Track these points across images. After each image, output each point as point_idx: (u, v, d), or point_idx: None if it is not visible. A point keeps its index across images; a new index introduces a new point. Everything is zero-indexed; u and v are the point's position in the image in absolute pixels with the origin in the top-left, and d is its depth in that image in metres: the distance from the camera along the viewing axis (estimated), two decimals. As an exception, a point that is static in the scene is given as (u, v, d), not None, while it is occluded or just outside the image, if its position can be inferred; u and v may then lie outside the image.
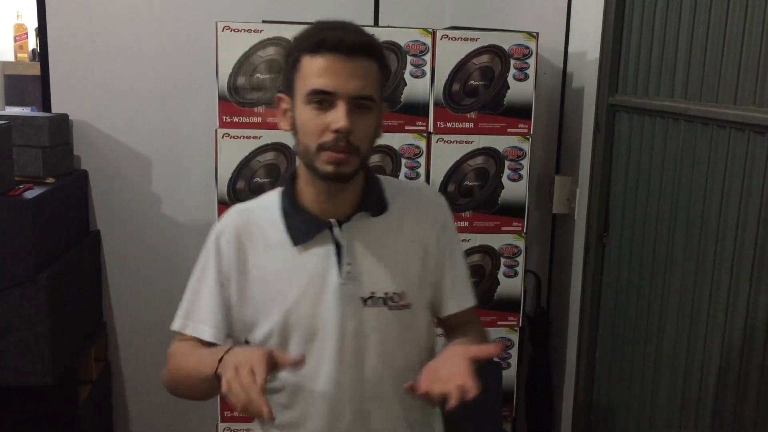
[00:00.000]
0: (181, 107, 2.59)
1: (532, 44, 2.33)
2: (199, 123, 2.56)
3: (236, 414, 2.38)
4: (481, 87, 2.33)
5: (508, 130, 2.36)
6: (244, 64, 2.24)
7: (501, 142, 2.36)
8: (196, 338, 1.32)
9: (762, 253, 1.62)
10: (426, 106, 2.31)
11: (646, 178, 2.12)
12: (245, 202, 1.39)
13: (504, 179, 2.37)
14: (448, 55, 2.30)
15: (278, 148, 2.27)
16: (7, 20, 3.22)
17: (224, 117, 2.26)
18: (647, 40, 2.13)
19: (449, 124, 2.34)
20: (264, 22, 2.30)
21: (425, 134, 2.33)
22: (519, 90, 2.34)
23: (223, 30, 2.22)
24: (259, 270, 1.29)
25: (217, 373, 1.14)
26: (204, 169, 2.53)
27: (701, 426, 1.85)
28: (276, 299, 1.27)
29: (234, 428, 2.39)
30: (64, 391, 2.29)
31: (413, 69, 2.29)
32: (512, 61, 2.33)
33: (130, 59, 2.56)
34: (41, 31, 2.54)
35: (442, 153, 2.34)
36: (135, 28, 2.54)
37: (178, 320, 1.36)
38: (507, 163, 2.37)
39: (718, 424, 1.79)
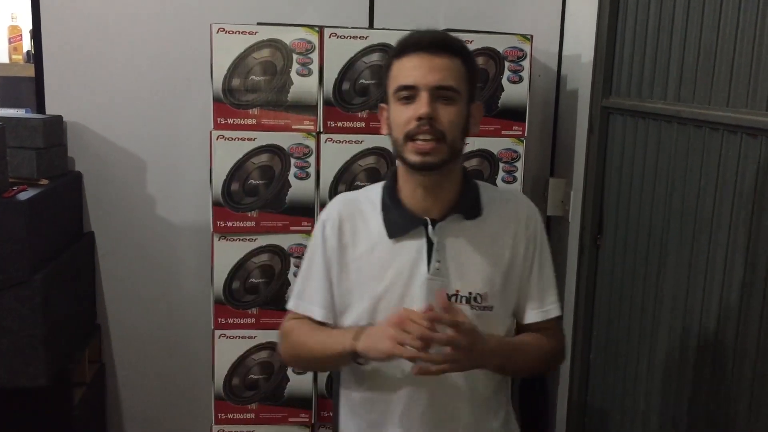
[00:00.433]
0: (175, 109, 2.59)
1: (526, 47, 2.34)
2: (193, 125, 2.56)
3: (231, 416, 2.38)
4: (477, 89, 2.33)
5: (503, 132, 2.36)
6: (239, 65, 2.24)
7: (495, 145, 2.37)
8: (308, 317, 1.43)
9: (754, 255, 1.62)
10: (420, 108, 2.32)
11: (639, 180, 2.13)
12: (352, 191, 1.50)
13: (498, 181, 2.37)
14: (443, 57, 2.31)
15: (272, 150, 2.27)
16: (1, 22, 3.21)
17: (219, 119, 2.26)
18: (641, 42, 2.14)
19: (444, 126, 2.34)
20: (259, 24, 2.30)
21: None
22: (513, 92, 2.35)
23: (217, 32, 2.22)
24: (356, 257, 1.39)
25: (358, 350, 1.27)
26: (198, 170, 2.53)
27: (695, 427, 1.86)
28: (368, 286, 1.37)
29: (228, 430, 2.39)
30: (58, 392, 2.28)
31: (408, 71, 2.29)
32: (507, 64, 2.33)
33: (125, 61, 2.56)
34: (35, 33, 2.54)
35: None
36: (130, 30, 2.54)
37: (291, 301, 1.47)
38: (501, 165, 2.37)
39: (712, 426, 1.79)
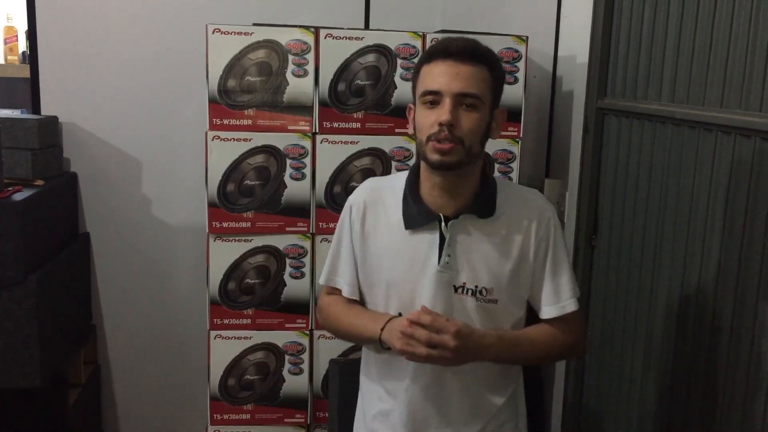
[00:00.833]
0: (171, 109, 2.59)
1: (521, 48, 2.34)
2: (189, 125, 2.56)
3: (227, 417, 2.38)
4: (471, 90, 2.34)
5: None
6: (235, 66, 2.24)
7: (491, 145, 2.34)
8: (338, 291, 1.59)
9: (748, 255, 1.63)
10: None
11: (634, 180, 2.13)
12: (381, 177, 1.63)
13: (494, 182, 2.38)
14: (438, 58, 2.31)
15: (268, 150, 2.27)
16: (-4, 23, 3.20)
17: (214, 119, 2.26)
18: (635, 44, 2.14)
19: (439, 127, 2.35)
20: (254, 24, 2.30)
21: (414, 136, 2.33)
22: (509, 93, 2.34)
23: (213, 32, 2.22)
24: (376, 241, 1.50)
25: (381, 339, 1.43)
26: (194, 171, 2.54)
27: (690, 427, 1.87)
28: (384, 271, 1.49)
29: (224, 431, 2.39)
30: (53, 393, 2.28)
31: (404, 72, 2.29)
32: (502, 65, 2.33)
33: (121, 61, 2.56)
34: (31, 34, 2.53)
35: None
36: (125, 31, 2.54)
37: (323, 275, 1.62)
38: (497, 166, 2.38)
39: (707, 423, 1.80)
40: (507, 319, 1.49)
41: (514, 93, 2.35)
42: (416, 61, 2.29)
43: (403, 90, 2.30)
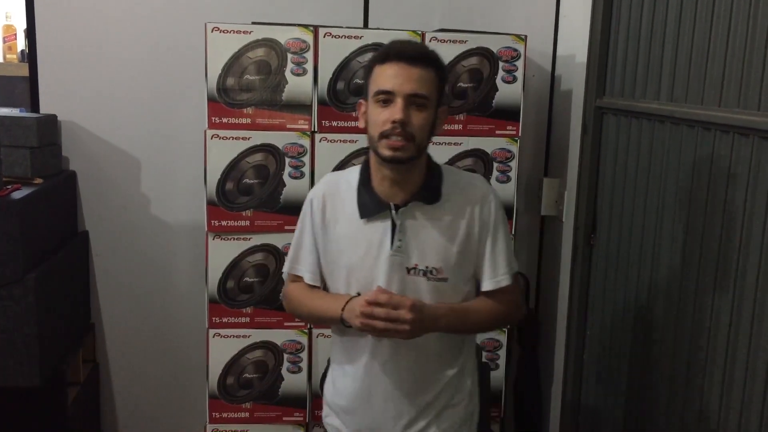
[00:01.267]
0: (170, 108, 2.59)
1: (520, 47, 2.35)
2: (188, 124, 2.56)
3: (225, 415, 2.38)
4: (470, 89, 2.34)
5: (497, 132, 2.37)
6: (234, 65, 2.24)
7: (489, 144, 2.37)
8: (301, 278, 1.70)
9: (746, 253, 1.63)
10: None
11: (633, 179, 2.14)
12: (336, 172, 1.72)
13: (493, 181, 2.38)
14: (437, 57, 2.32)
15: (267, 149, 2.27)
16: (-5, 21, 3.20)
17: (213, 118, 2.26)
18: (634, 43, 2.14)
19: (438, 126, 2.35)
20: (253, 23, 2.30)
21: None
22: (507, 92, 2.36)
23: (212, 31, 2.23)
24: (336, 230, 1.62)
25: (342, 318, 1.55)
26: (193, 170, 2.53)
27: (688, 424, 1.87)
28: (344, 257, 1.61)
29: (222, 429, 2.39)
30: (52, 392, 2.28)
31: (402, 71, 2.30)
32: (501, 64, 2.34)
33: (119, 60, 2.56)
34: (30, 32, 2.53)
35: (431, 154, 2.34)
36: (124, 29, 2.54)
37: (287, 264, 1.73)
38: (495, 165, 2.38)
39: (705, 422, 1.80)
40: (456, 295, 1.62)
41: (513, 92, 2.36)
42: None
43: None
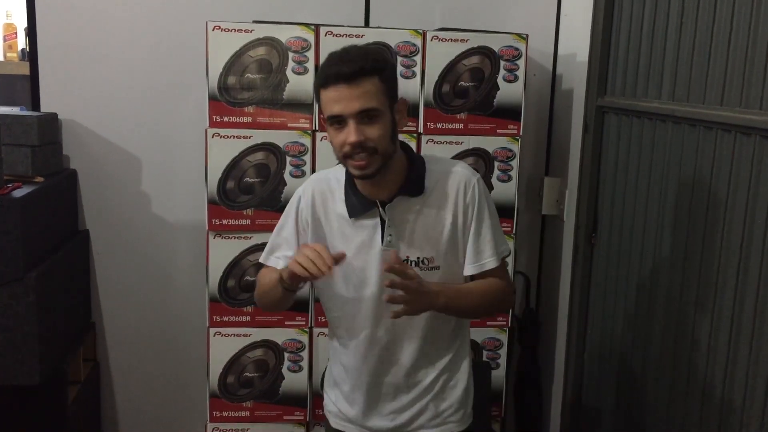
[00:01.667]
0: (171, 107, 2.59)
1: (521, 46, 2.34)
2: (189, 123, 2.56)
3: (226, 414, 2.38)
4: (471, 88, 2.34)
5: (498, 131, 2.37)
6: (235, 63, 2.24)
7: (490, 143, 2.37)
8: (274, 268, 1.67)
9: (748, 253, 1.63)
10: (416, 106, 2.32)
11: (634, 179, 2.14)
12: (326, 170, 1.70)
13: (494, 180, 2.38)
14: (438, 56, 2.32)
15: (268, 147, 2.27)
16: (-4, 20, 3.20)
17: (214, 117, 2.26)
18: (635, 42, 2.14)
19: (439, 125, 2.35)
20: (255, 22, 2.30)
21: (415, 135, 2.34)
22: (509, 91, 2.36)
23: (213, 30, 2.22)
24: (327, 228, 1.63)
25: (282, 276, 1.52)
26: (194, 168, 2.53)
27: (688, 424, 1.87)
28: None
29: (223, 428, 2.39)
30: (52, 391, 2.28)
31: (403, 70, 2.30)
32: (502, 63, 2.34)
33: (120, 59, 2.55)
34: (31, 31, 2.53)
35: (433, 153, 2.34)
36: (125, 28, 2.54)
37: (263, 255, 1.71)
38: (496, 164, 2.38)
39: (705, 422, 1.80)
40: (450, 282, 1.62)
41: (514, 91, 2.36)
42: (415, 58, 2.31)
43: (402, 88, 2.29)
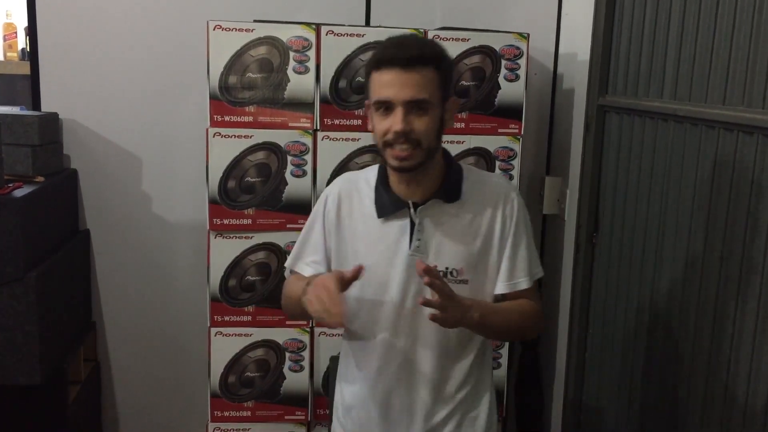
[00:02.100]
0: (172, 106, 2.59)
1: (522, 45, 2.34)
2: (190, 122, 2.55)
3: (227, 414, 2.38)
4: (472, 87, 2.34)
5: (499, 130, 2.37)
6: (236, 63, 2.23)
7: (492, 143, 2.37)
8: (301, 275, 1.61)
9: (750, 252, 1.63)
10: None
11: (635, 178, 2.13)
12: (354, 171, 1.67)
13: (495, 179, 2.37)
14: (440, 55, 2.31)
15: (269, 147, 2.26)
16: (-4, 19, 3.20)
17: (215, 116, 2.25)
18: (637, 41, 2.14)
19: (440, 125, 2.34)
20: (255, 21, 2.30)
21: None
22: (510, 90, 2.35)
23: (214, 29, 2.22)
24: (351, 230, 1.57)
25: (301, 299, 1.43)
26: (195, 168, 2.53)
27: (690, 424, 1.86)
28: (359, 257, 1.53)
29: (224, 428, 2.38)
30: (53, 390, 2.28)
31: (404, 69, 2.29)
32: (503, 62, 2.34)
33: (121, 58, 2.55)
34: (31, 30, 2.53)
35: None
36: (126, 27, 2.54)
37: (289, 260, 1.66)
38: (498, 163, 2.38)
39: (706, 422, 1.80)
40: (478, 298, 1.53)
41: (515, 90, 2.35)
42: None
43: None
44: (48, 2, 2.50)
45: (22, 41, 3.13)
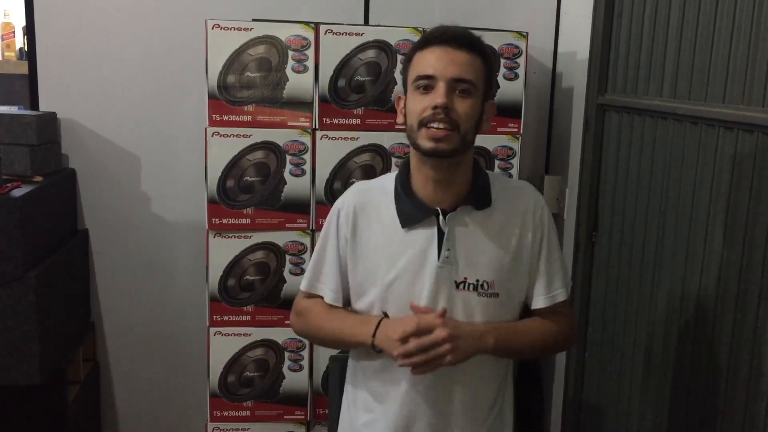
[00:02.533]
0: (170, 106, 2.58)
1: (521, 44, 2.34)
2: (188, 121, 2.55)
3: (226, 413, 2.38)
4: (472, 86, 2.33)
5: (498, 129, 2.36)
6: (234, 62, 2.23)
7: (491, 141, 2.36)
8: (320, 297, 1.52)
9: (750, 251, 1.63)
10: (416, 105, 2.31)
11: (635, 177, 2.13)
12: (367, 180, 1.55)
13: (494, 178, 2.37)
14: (439, 54, 2.31)
15: (268, 146, 2.26)
16: (-6, 19, 3.19)
17: (214, 115, 2.25)
18: (636, 39, 2.14)
19: (439, 123, 2.34)
20: (254, 20, 2.29)
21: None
22: (509, 89, 2.35)
23: (213, 28, 2.22)
24: (369, 244, 1.45)
25: (374, 344, 1.39)
26: (193, 167, 2.53)
27: (692, 424, 1.86)
28: (380, 273, 1.43)
29: (223, 427, 2.38)
30: (52, 391, 2.27)
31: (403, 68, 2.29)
32: (502, 61, 2.33)
33: (119, 57, 2.54)
34: (29, 30, 2.52)
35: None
36: (124, 26, 2.53)
37: (305, 281, 1.55)
38: (497, 162, 2.37)
39: (707, 423, 1.79)
40: (508, 312, 1.47)
41: (514, 89, 2.35)
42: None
43: (402, 85, 2.29)
44: (46, 1, 2.50)
45: (20, 41, 3.13)
